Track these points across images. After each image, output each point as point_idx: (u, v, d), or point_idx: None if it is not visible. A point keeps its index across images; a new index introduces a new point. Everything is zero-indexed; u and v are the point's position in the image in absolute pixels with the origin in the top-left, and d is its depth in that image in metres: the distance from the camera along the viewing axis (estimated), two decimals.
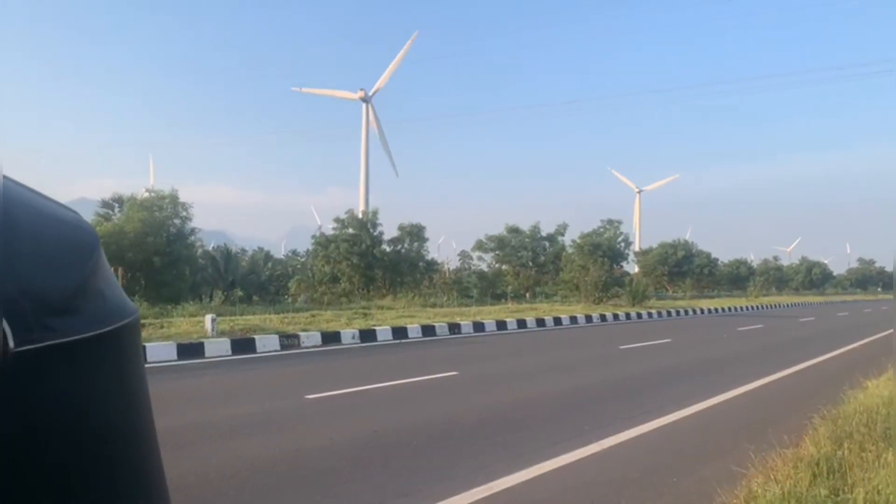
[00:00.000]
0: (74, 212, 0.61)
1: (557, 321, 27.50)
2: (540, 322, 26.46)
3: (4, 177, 0.54)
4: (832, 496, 4.42)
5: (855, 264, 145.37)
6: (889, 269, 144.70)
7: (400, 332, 19.75)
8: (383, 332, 19.21)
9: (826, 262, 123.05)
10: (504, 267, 50.07)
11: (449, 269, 51.07)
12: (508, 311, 29.09)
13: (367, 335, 18.63)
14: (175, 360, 13.59)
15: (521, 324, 25.38)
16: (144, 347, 13.35)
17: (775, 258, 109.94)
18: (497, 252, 49.89)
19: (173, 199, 28.08)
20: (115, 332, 0.58)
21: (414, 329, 20.41)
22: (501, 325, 24.33)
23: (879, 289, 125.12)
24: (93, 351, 0.56)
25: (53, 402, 0.53)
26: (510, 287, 46.28)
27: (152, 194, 29.13)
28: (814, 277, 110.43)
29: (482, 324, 23.49)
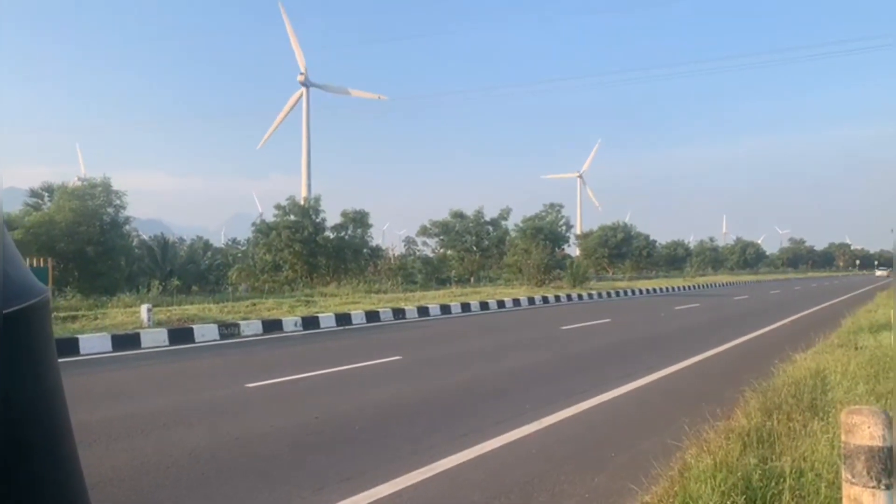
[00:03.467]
0: None
1: (501, 304, 27.73)
2: (484, 305, 26.65)
3: None
4: (761, 464, 4.57)
5: (787, 244, 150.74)
6: (818, 248, 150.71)
7: (344, 319, 19.63)
8: (326, 319, 19.06)
9: (759, 242, 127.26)
10: (448, 252, 50.23)
11: (394, 255, 50.98)
12: (453, 296, 29.22)
13: (310, 322, 18.46)
14: (110, 352, 13.20)
15: (466, 307, 25.52)
16: (77, 339, 12.96)
17: (711, 239, 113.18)
18: (441, 237, 50.01)
19: (106, 187, 27.23)
20: (20, 312, 0.55)
21: (358, 315, 20.31)
22: (446, 309, 24.42)
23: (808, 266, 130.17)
24: None
25: None
26: (454, 272, 46.51)
27: (84, 182, 28.20)
28: (748, 257, 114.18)
29: (427, 308, 23.53)
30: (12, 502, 0.54)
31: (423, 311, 23.21)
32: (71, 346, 12.59)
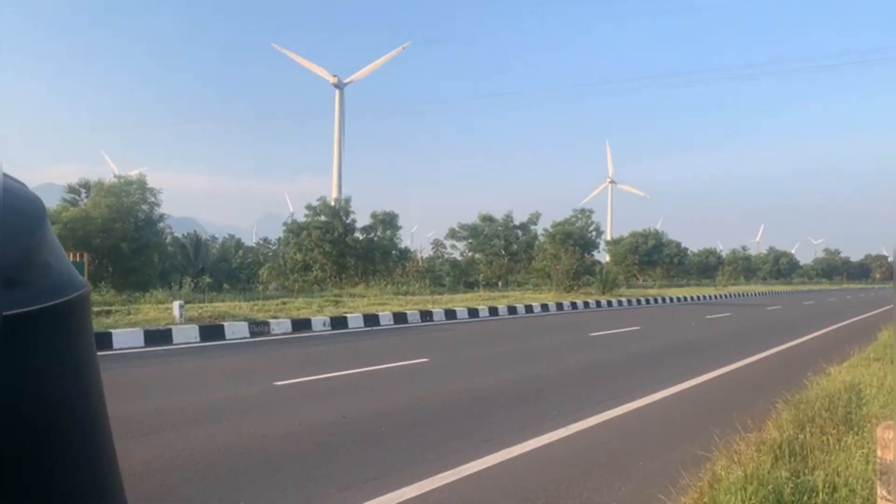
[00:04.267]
0: (21, 182, 0.58)
1: (529, 309, 27.63)
2: (511, 310, 26.57)
3: None
4: (793, 478, 4.49)
5: (821, 254, 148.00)
6: (854, 259, 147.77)
7: (372, 320, 19.71)
8: (355, 320, 19.16)
9: (793, 251, 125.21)
10: (477, 255, 50.14)
11: (422, 257, 51.07)
12: (480, 299, 29.18)
13: (339, 322, 18.56)
14: (142, 347, 13.41)
15: (493, 311, 25.48)
16: (110, 334, 13.18)
17: (744, 248, 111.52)
18: (470, 240, 49.92)
19: (141, 184, 27.67)
20: (63, 305, 0.55)
21: (386, 316, 20.37)
22: (473, 312, 24.40)
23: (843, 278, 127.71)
24: (39, 325, 0.53)
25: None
26: (482, 275, 46.41)
27: (120, 180, 28.66)
28: (781, 267, 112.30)
29: (454, 311, 23.53)
30: (49, 490, 0.54)
31: (450, 314, 23.22)
32: (104, 340, 12.81)
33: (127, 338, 13.54)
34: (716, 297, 49.27)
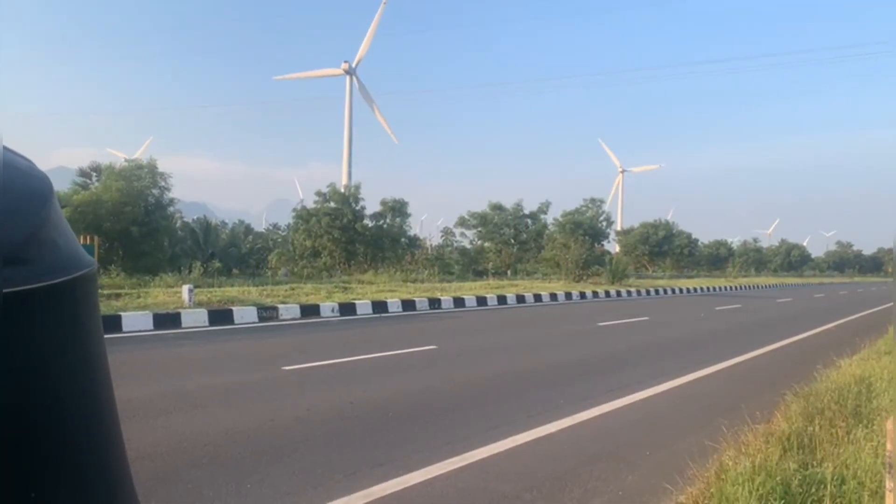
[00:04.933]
0: (27, 159, 0.58)
1: (537, 298, 27.62)
2: (520, 298, 26.57)
3: None
4: (801, 470, 4.47)
5: (833, 247, 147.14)
6: (866, 252, 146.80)
7: (380, 307, 19.75)
8: (363, 306, 19.20)
9: (804, 244, 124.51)
10: (486, 244, 50.13)
11: (431, 245, 51.08)
12: (489, 288, 29.18)
13: (347, 309, 18.61)
14: (152, 330, 13.50)
15: (502, 300, 25.48)
16: (120, 316, 13.26)
17: (755, 240, 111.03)
18: (479, 229, 49.89)
19: (152, 168, 27.76)
20: (69, 283, 0.55)
21: (394, 303, 20.41)
22: (482, 300, 24.41)
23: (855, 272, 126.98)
24: (46, 302, 0.53)
25: (3, 353, 0.49)
26: (491, 264, 46.40)
27: (130, 164, 28.75)
28: (792, 260, 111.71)
29: (462, 299, 23.54)
30: (54, 468, 0.54)
31: (458, 301, 23.24)
32: (114, 322, 12.89)
33: (136, 321, 13.62)
34: (726, 288, 49.11)
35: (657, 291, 38.74)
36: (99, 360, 0.60)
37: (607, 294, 33.63)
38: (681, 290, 41.57)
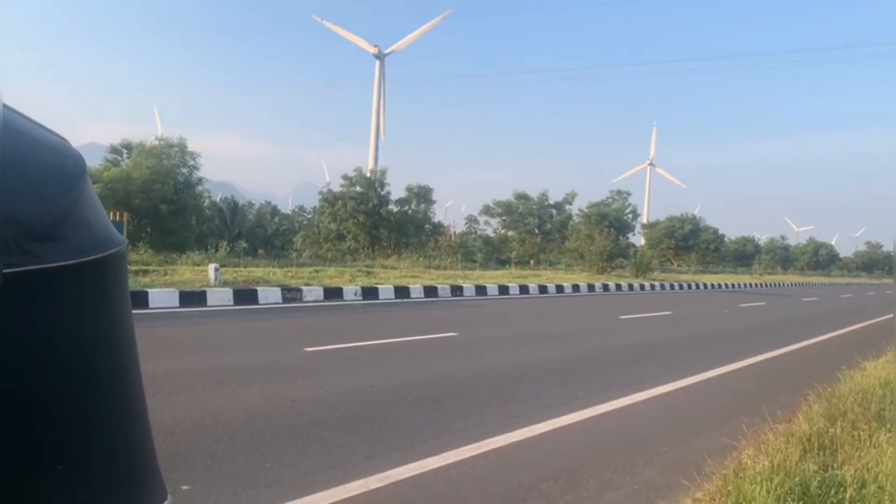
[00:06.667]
0: (62, 138, 0.59)
1: (560, 289, 27.53)
2: (542, 289, 26.50)
3: None
4: (821, 471, 4.43)
5: (862, 247, 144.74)
6: None
7: (402, 292, 19.82)
8: (386, 291, 19.28)
9: (832, 243, 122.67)
10: (510, 233, 50.04)
11: (455, 232, 51.10)
12: (511, 277, 29.16)
13: (370, 293, 18.70)
14: (177, 307, 13.67)
15: (524, 290, 25.43)
16: (146, 293, 13.45)
17: (783, 237, 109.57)
18: (504, 218, 49.80)
19: (181, 147, 28.05)
20: (99, 261, 0.56)
21: (416, 289, 20.47)
22: (504, 289, 24.39)
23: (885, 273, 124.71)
24: (76, 279, 0.54)
25: (33, 328, 0.51)
26: (514, 253, 46.33)
27: (161, 142, 29.06)
28: (820, 258, 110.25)
29: (484, 288, 23.54)
30: (83, 438, 0.55)
31: (480, 290, 23.24)
32: (141, 299, 13.08)
33: (162, 297, 13.81)
34: (751, 285, 48.56)
35: (681, 286, 38.44)
36: (127, 337, 0.61)
37: (630, 287, 33.42)
38: (705, 286, 41.20)
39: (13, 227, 0.49)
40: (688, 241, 68.04)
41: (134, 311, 0.62)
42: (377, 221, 35.45)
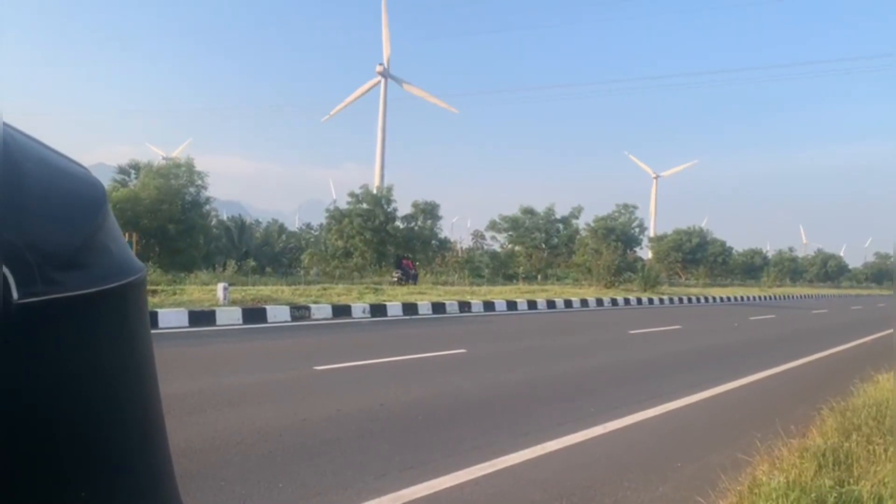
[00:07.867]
0: (83, 167, 0.60)
1: (568, 304, 27.46)
2: (550, 304, 26.44)
3: (15, 129, 0.53)
4: (837, 487, 4.39)
5: (872, 258, 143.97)
6: None
7: (410, 309, 19.81)
8: (394, 308, 19.28)
9: (841, 254, 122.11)
10: (517, 248, 49.99)
11: (461, 248, 51.11)
12: (519, 292, 29.10)
13: (378, 310, 18.70)
14: (186, 327, 13.70)
15: (532, 305, 25.38)
16: (156, 313, 13.49)
17: (791, 249, 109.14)
18: (510, 233, 49.79)
19: (189, 167, 28.22)
20: (120, 288, 0.57)
21: (424, 306, 20.46)
22: (512, 305, 24.35)
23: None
24: (97, 306, 0.55)
25: (56, 357, 0.52)
26: (522, 268, 46.28)
27: (168, 162, 29.25)
28: (829, 270, 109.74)
29: (492, 303, 23.51)
30: (103, 465, 0.56)
31: (488, 305, 23.21)
32: (150, 319, 13.08)
33: (172, 317, 13.84)
34: (760, 298, 48.36)
35: (690, 300, 38.29)
36: (147, 363, 0.62)
37: (639, 301, 33.32)
38: (714, 299, 41.04)
39: (38, 255, 0.50)
40: (695, 255, 67.80)
41: None
42: (384, 238, 35.52)
